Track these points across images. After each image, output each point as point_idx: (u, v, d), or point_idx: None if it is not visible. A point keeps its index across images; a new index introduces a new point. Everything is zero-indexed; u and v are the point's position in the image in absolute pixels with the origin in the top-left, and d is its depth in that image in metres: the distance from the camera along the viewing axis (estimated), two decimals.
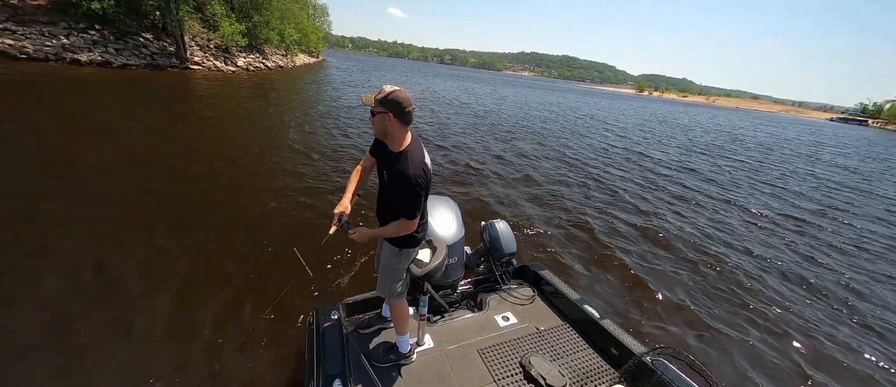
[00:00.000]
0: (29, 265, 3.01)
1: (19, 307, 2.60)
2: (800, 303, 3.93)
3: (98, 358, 2.30)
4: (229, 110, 10.43)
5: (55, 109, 7.49)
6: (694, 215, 6.33)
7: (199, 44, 19.30)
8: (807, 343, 3.27)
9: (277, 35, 25.85)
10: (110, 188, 4.50)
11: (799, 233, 6.12)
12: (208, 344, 2.47)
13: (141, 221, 3.87)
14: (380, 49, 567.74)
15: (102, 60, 13.91)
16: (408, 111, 1.48)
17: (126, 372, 2.23)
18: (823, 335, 3.40)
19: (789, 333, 3.38)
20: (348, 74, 32.39)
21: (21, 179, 4.40)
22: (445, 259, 1.84)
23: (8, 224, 3.49)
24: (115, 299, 2.79)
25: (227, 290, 3.02)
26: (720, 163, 12.12)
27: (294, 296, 2.97)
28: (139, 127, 7.27)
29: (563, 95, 47.63)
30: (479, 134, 11.75)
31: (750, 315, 3.57)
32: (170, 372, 2.25)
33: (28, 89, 8.90)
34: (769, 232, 5.98)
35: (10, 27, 12.68)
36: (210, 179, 5.29)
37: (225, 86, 14.87)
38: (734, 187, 8.83)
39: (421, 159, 1.55)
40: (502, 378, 1.86)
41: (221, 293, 2.97)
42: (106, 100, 9.17)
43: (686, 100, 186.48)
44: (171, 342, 2.46)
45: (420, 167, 1.52)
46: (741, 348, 3.07)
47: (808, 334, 3.41)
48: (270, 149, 7.17)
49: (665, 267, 4.33)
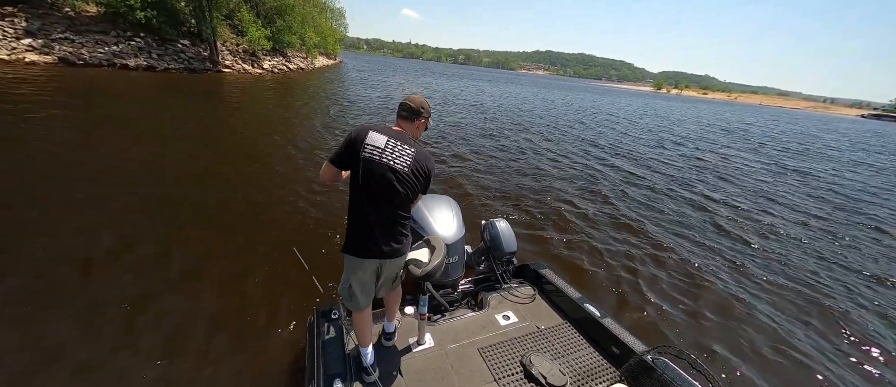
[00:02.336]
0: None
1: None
2: (802, 303, 3.88)
3: (89, 357, 2.27)
4: (257, 109, 11.50)
5: (126, 108, 8.68)
6: (694, 211, 6.66)
7: (230, 48, 20.74)
8: (810, 345, 3.21)
9: (299, 39, 27.22)
10: (138, 182, 4.76)
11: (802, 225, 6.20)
12: (207, 344, 2.45)
13: (139, 217, 3.96)
14: (394, 50, 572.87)
15: (147, 65, 15.35)
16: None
17: (120, 372, 2.20)
18: (827, 339, 3.36)
19: (791, 334, 3.32)
20: (362, 74, 33.58)
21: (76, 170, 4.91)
22: (445, 259, 1.82)
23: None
24: (112, 293, 2.79)
25: (227, 289, 3.02)
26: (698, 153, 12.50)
27: (294, 296, 2.95)
28: (187, 124, 8.33)
29: (564, 93, 46.58)
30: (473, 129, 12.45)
31: (751, 315, 3.51)
32: (167, 372, 2.22)
33: (96, 90, 10.23)
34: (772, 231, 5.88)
35: (70, 36, 14.22)
36: (216, 177, 5.32)
37: (253, 87, 16.12)
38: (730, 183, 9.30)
39: None
40: (503, 377, 1.86)
41: (221, 293, 2.97)
42: (156, 102, 10.40)
43: (705, 97, 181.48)
44: (168, 342, 2.44)
45: None
46: (742, 349, 3.05)
47: (810, 335, 3.37)
48: (271, 148, 7.11)
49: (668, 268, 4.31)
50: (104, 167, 5.11)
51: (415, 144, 1.62)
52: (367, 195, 1.54)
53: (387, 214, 1.57)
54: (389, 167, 1.51)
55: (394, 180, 1.52)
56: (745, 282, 4.14)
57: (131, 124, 7.45)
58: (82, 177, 4.71)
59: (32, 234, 3.43)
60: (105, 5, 15.28)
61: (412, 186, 1.58)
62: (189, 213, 4.23)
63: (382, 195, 1.54)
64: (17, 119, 6.56)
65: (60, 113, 7.36)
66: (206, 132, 7.95)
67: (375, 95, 18.02)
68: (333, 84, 21.81)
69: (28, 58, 12.64)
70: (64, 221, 3.70)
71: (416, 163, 1.57)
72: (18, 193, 4.14)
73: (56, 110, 7.48)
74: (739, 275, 4.28)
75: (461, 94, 25.01)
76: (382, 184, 1.52)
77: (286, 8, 24.75)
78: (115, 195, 4.38)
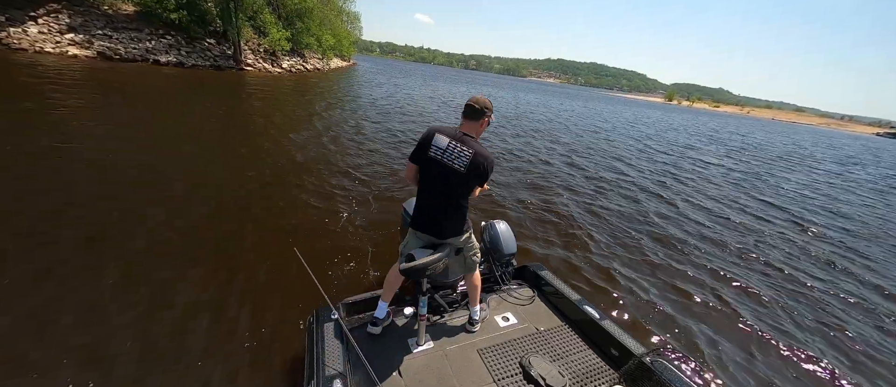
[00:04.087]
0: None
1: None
2: (805, 304, 3.94)
3: (80, 357, 2.22)
4: (277, 106, 12.30)
5: (145, 103, 9.50)
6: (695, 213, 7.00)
7: (251, 48, 21.79)
8: (810, 346, 3.23)
9: (316, 41, 28.27)
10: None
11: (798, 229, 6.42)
12: (206, 344, 2.44)
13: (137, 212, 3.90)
14: (406, 54, 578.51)
15: (177, 62, 16.37)
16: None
17: (121, 371, 2.19)
18: (828, 342, 3.38)
19: (792, 336, 3.34)
20: (375, 76, 34.61)
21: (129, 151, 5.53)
22: (438, 259, 1.83)
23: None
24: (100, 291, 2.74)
25: (227, 289, 3.00)
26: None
27: (294, 296, 2.95)
28: (210, 120, 9.08)
29: (565, 100, 46.44)
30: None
31: (750, 318, 3.52)
32: (164, 372, 2.21)
33: (139, 84, 11.15)
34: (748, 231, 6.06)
35: (108, 33, 15.29)
36: (216, 178, 5.28)
37: (273, 84, 17.00)
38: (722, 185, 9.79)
39: None
40: (502, 379, 1.87)
41: (221, 292, 2.95)
42: (186, 96, 11.25)
43: (716, 110, 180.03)
44: (166, 341, 2.42)
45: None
46: (741, 351, 3.06)
47: (811, 336, 3.39)
48: (274, 148, 7.02)
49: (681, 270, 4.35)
50: (105, 166, 5.01)
51: (474, 145, 1.81)
52: (430, 186, 1.88)
53: (445, 203, 1.89)
54: (449, 167, 1.78)
55: (452, 177, 1.80)
56: (744, 285, 4.11)
57: (135, 125, 7.25)
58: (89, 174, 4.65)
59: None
60: (140, 5, 16.37)
61: (468, 183, 1.84)
62: (191, 212, 4.20)
63: (442, 188, 1.85)
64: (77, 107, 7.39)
65: (102, 101, 8.21)
66: (228, 130, 8.06)
67: (380, 93, 18.72)
68: (348, 85, 22.61)
69: (71, 51, 13.69)
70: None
71: (474, 163, 1.79)
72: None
73: (110, 97, 8.33)
74: (738, 279, 4.26)
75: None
76: (442, 180, 1.82)
77: (306, 11, 25.81)
78: (114, 194, 4.27)
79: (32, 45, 12.99)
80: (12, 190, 3.97)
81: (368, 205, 4.95)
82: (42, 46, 13.18)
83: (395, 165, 6.91)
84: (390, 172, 6.47)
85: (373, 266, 3.52)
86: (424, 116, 13.93)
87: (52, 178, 4.36)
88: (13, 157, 4.70)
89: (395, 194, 5.41)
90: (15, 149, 4.93)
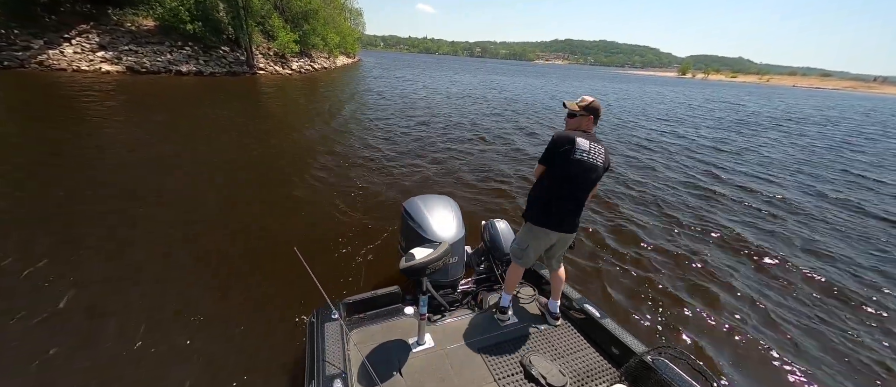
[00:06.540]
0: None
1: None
2: (805, 305, 3.72)
3: (80, 356, 2.28)
4: (286, 107, 13.24)
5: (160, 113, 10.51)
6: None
7: (262, 52, 22.87)
8: (810, 347, 3.10)
9: (322, 40, 29.17)
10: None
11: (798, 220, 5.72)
12: (206, 344, 2.46)
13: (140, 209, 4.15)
14: (411, 46, 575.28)
15: (196, 70, 17.55)
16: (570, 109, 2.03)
17: (118, 369, 2.21)
18: (830, 344, 3.19)
19: (791, 336, 3.21)
20: (380, 70, 35.37)
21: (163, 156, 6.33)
22: (437, 257, 1.83)
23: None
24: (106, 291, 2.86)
25: (227, 288, 3.03)
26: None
27: (294, 296, 2.96)
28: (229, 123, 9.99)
29: (542, 80, 43.79)
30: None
31: (751, 316, 3.42)
32: (163, 371, 2.22)
33: (163, 94, 12.29)
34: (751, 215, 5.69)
35: (133, 48, 16.53)
36: (216, 177, 5.47)
37: (283, 85, 18.02)
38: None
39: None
40: (503, 377, 1.87)
41: (221, 292, 2.98)
42: (208, 101, 12.30)
43: (733, 80, 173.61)
44: (165, 341, 2.44)
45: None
46: (742, 350, 3.00)
47: (811, 337, 3.24)
48: (274, 149, 7.16)
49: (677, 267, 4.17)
50: (115, 164, 5.56)
51: (600, 141, 2.00)
52: (572, 185, 1.98)
53: (582, 198, 2.03)
54: (594, 165, 1.95)
55: (595, 174, 1.97)
56: (746, 283, 3.98)
57: (139, 126, 7.87)
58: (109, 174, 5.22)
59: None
60: (159, 19, 17.55)
61: (601, 178, 2.02)
62: (192, 212, 4.35)
63: (583, 185, 1.99)
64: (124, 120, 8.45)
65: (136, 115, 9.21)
66: (245, 133, 8.25)
67: (380, 87, 19.36)
68: (351, 83, 23.40)
69: (103, 68, 14.98)
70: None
71: (606, 159, 2.00)
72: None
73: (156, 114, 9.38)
74: (740, 276, 4.09)
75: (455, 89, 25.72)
76: (587, 178, 1.97)
77: (311, 12, 26.67)
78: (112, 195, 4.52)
79: (70, 65, 14.29)
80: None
81: (369, 204, 5.00)
82: (79, 65, 14.47)
83: (394, 166, 6.88)
84: (390, 172, 6.47)
85: (373, 266, 3.56)
86: (429, 112, 13.92)
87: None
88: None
89: (395, 194, 5.45)
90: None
